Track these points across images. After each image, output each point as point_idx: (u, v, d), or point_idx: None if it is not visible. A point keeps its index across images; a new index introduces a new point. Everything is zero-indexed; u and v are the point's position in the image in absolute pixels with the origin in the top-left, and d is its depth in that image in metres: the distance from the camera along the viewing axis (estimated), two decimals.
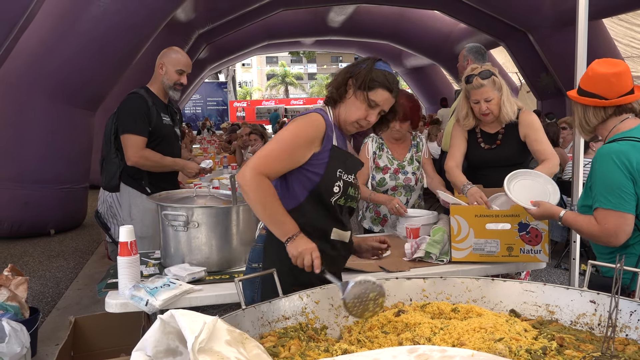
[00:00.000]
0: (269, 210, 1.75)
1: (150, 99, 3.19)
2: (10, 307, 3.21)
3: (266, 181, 1.75)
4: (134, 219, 3.23)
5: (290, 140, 1.81)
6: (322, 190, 1.84)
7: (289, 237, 1.72)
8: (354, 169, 1.94)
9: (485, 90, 2.78)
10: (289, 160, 1.81)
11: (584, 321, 1.50)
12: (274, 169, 1.78)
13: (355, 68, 1.89)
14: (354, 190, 1.93)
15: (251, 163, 1.76)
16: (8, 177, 6.13)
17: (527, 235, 2.35)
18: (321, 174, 1.83)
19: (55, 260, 5.68)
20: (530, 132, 2.84)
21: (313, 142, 1.83)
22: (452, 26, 13.74)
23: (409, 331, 1.43)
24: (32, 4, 2.97)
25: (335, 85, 1.91)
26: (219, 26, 10.45)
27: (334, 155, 1.86)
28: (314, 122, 1.84)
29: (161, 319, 1.13)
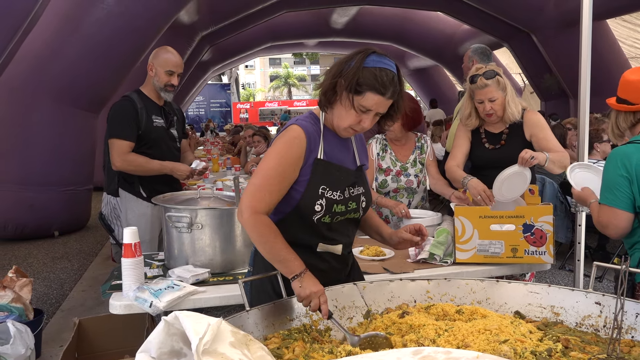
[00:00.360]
0: (271, 248, 1.64)
1: (140, 102, 3.14)
2: (15, 308, 3.22)
3: (264, 219, 1.65)
4: (130, 223, 3.17)
5: (275, 168, 1.67)
6: (303, 209, 1.71)
7: (295, 275, 1.59)
8: (344, 183, 1.75)
9: (489, 90, 2.77)
10: (281, 187, 1.69)
11: (589, 323, 1.49)
12: (268, 202, 1.67)
13: (345, 66, 1.66)
14: (344, 206, 1.74)
15: (246, 201, 1.67)
16: (13, 179, 6.15)
17: (532, 236, 2.35)
18: (302, 191, 1.70)
19: (59, 261, 5.69)
20: (536, 131, 2.83)
21: (299, 160, 1.70)
22: (456, 27, 13.73)
23: (414, 333, 1.42)
24: (35, 7, 2.98)
25: (324, 89, 1.70)
26: (222, 28, 10.47)
27: (316, 171, 1.70)
28: (294, 139, 1.69)
29: (165, 321, 1.13)
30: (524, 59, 11.09)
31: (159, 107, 3.25)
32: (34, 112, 6.12)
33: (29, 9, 2.90)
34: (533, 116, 2.86)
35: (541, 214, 2.33)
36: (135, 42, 6.33)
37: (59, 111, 6.20)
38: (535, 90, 12.18)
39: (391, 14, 13.72)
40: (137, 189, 3.20)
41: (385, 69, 1.64)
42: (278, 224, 1.72)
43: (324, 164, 1.72)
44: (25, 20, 2.93)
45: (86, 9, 5.93)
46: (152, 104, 3.21)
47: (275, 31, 14.13)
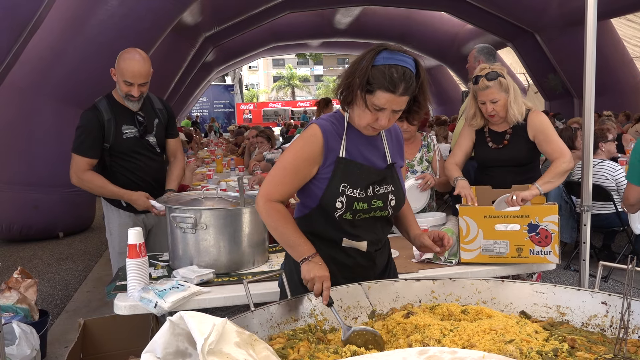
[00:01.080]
0: (281, 233, 1.74)
1: (109, 112, 2.91)
2: (20, 309, 3.23)
3: (276, 206, 1.75)
4: (112, 233, 3.09)
5: (291, 162, 1.77)
6: (324, 206, 1.76)
7: (304, 259, 1.67)
8: (366, 182, 1.75)
9: (491, 92, 2.77)
10: (295, 180, 1.77)
11: (595, 323, 1.48)
12: (281, 192, 1.77)
13: (358, 65, 1.67)
14: (365, 204, 1.75)
15: (261, 191, 1.78)
16: (18, 180, 6.18)
17: (537, 236, 2.34)
18: (323, 188, 1.75)
19: (64, 263, 5.71)
20: (539, 132, 2.83)
21: (315, 158, 1.74)
22: (459, 27, 13.71)
23: (419, 333, 1.42)
24: (40, 8, 2.99)
25: (340, 89, 1.73)
26: (225, 29, 10.48)
27: (337, 169, 1.74)
28: (311, 137, 1.75)
29: (170, 321, 1.13)
30: (528, 59, 11.07)
31: (131, 114, 2.96)
32: (38, 114, 6.14)
33: (33, 10, 2.91)
34: (536, 117, 2.85)
35: (546, 214, 2.32)
36: (139, 43, 6.31)
37: (63, 112, 6.21)
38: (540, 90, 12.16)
39: (395, 14, 13.72)
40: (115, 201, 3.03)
41: (396, 65, 1.61)
42: (305, 217, 1.81)
43: (345, 162, 1.75)
44: (30, 21, 2.93)
45: (90, 10, 5.95)
46: (123, 112, 2.94)
47: (278, 32, 14.15)
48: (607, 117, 7.05)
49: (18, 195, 6.19)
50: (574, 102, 10.65)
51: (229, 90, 28.71)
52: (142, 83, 2.86)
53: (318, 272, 1.62)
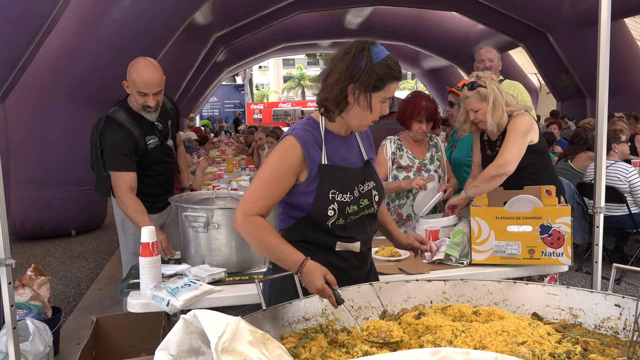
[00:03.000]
0: (266, 247, 1.67)
1: (133, 125, 2.86)
2: (34, 306, 3.27)
3: (256, 219, 1.68)
4: (126, 234, 3.07)
5: (270, 175, 1.71)
6: (315, 218, 1.73)
7: (298, 269, 1.61)
8: (352, 183, 1.77)
9: (470, 102, 2.88)
10: (275, 193, 1.72)
11: (608, 325, 1.47)
12: (261, 206, 1.70)
13: (353, 71, 1.65)
14: (356, 206, 1.77)
15: (239, 207, 1.70)
16: (31, 178, 6.24)
17: (549, 237, 2.32)
18: (311, 202, 1.72)
19: (76, 260, 5.76)
20: (506, 139, 2.82)
21: (294, 169, 1.72)
22: (470, 27, 13.65)
23: (430, 334, 1.42)
24: (55, 8, 3.03)
25: (332, 99, 1.68)
26: (236, 29, 10.51)
27: (323, 177, 1.72)
28: (289, 148, 1.72)
29: (184, 319, 1.14)
30: (540, 59, 10.99)
31: (151, 124, 2.94)
32: (51, 112, 6.20)
33: (49, 11, 2.94)
34: (515, 120, 2.84)
35: (559, 215, 2.31)
36: (151, 43, 6.38)
37: (76, 111, 6.27)
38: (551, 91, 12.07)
39: (405, 14, 13.68)
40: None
41: (390, 55, 1.69)
42: (293, 228, 1.78)
43: (329, 169, 1.74)
44: (46, 21, 2.97)
45: (103, 10, 6.00)
46: (142, 122, 2.90)
47: (289, 32, 14.16)
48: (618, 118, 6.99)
49: (31, 194, 6.26)
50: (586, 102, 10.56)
51: (240, 90, 28.78)
52: (156, 92, 2.80)
53: (317, 285, 1.57)
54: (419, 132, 3.17)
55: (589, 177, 4.81)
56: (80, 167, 6.48)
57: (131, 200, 2.79)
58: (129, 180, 2.82)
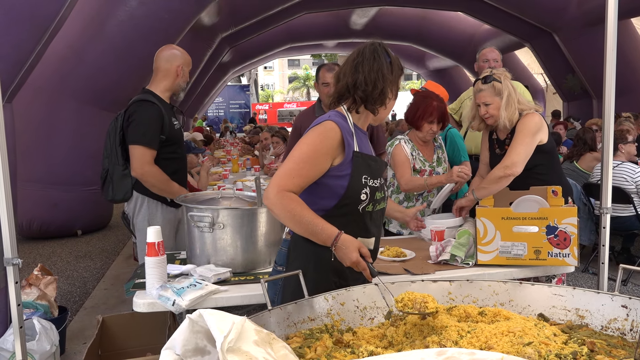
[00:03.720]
0: (300, 220, 1.72)
1: (160, 106, 3.04)
2: (40, 305, 3.28)
3: (290, 195, 1.73)
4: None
5: (308, 154, 1.78)
6: (349, 201, 1.81)
7: (333, 242, 1.69)
8: (379, 172, 1.91)
9: (483, 95, 2.84)
10: (311, 173, 1.78)
11: (615, 326, 1.47)
12: (296, 184, 1.75)
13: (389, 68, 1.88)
14: (381, 193, 1.90)
15: (273, 182, 1.75)
16: (38, 178, 6.27)
17: (556, 238, 2.32)
18: (346, 185, 1.80)
19: (82, 260, 5.79)
20: (515, 138, 2.79)
21: (332, 150, 1.81)
22: (476, 27, 13.61)
23: (436, 334, 1.41)
24: (62, 9, 3.04)
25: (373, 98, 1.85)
26: (242, 30, 10.53)
27: (357, 163, 1.82)
28: (329, 131, 1.81)
29: (190, 318, 1.14)
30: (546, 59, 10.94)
31: (171, 109, 3.18)
32: (57, 112, 6.23)
33: (55, 11, 2.96)
34: (524, 120, 2.82)
35: (565, 216, 2.30)
36: (157, 43, 6.36)
37: (82, 111, 6.31)
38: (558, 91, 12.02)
39: (411, 14, 13.66)
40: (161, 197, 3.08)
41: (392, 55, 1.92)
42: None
43: (361, 156, 1.85)
44: (53, 22, 2.98)
45: (109, 10, 6.03)
46: (167, 106, 3.12)
47: (294, 32, 14.17)
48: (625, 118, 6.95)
49: (38, 193, 6.29)
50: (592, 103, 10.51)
51: (245, 90, 28.83)
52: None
53: (353, 251, 1.67)
54: (429, 133, 3.15)
55: (596, 178, 4.78)
56: (86, 167, 6.52)
57: (158, 170, 2.97)
58: (151, 156, 2.97)
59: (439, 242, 2.60)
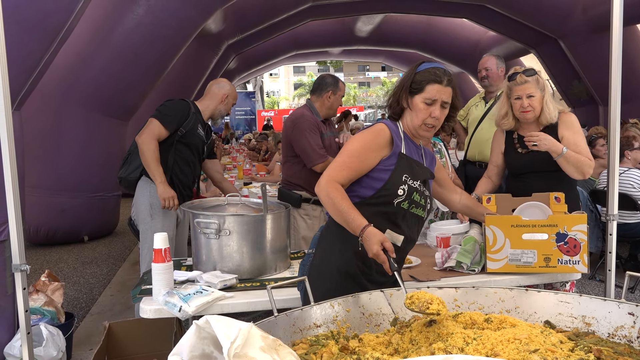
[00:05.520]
0: (338, 208, 1.86)
1: (192, 107, 3.46)
2: (47, 311, 3.30)
3: (336, 185, 1.90)
4: (154, 218, 3.33)
5: (359, 150, 1.95)
6: (386, 193, 1.93)
7: (360, 233, 1.81)
8: (422, 176, 2.01)
9: (528, 87, 2.78)
10: (360, 167, 1.95)
11: (622, 334, 1.46)
12: (345, 176, 1.93)
13: (403, 80, 2.01)
14: (419, 196, 1.99)
15: (326, 173, 1.94)
16: (45, 185, 6.31)
17: (565, 245, 2.31)
18: (386, 178, 1.94)
19: (88, 266, 5.81)
20: (569, 133, 2.77)
21: (381, 149, 1.96)
22: (481, 34, 13.61)
23: (442, 341, 1.41)
24: (71, 18, 3.07)
25: (391, 104, 2.05)
26: (247, 37, 10.58)
27: (401, 162, 1.96)
28: (379, 130, 1.99)
29: (197, 325, 1.15)
30: (552, 66, 10.92)
31: (204, 123, 3.58)
32: (65, 120, 6.27)
33: (64, 20, 2.99)
34: (568, 117, 2.82)
35: (575, 223, 2.29)
36: (163, 51, 6.45)
37: (89, 119, 6.35)
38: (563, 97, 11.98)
39: (416, 21, 13.68)
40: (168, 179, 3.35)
41: (436, 66, 1.99)
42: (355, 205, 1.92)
43: (406, 158, 1.99)
44: (62, 30, 3.01)
45: (117, 18, 6.07)
46: (201, 119, 3.53)
47: (300, 40, 14.21)
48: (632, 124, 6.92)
49: (45, 200, 6.33)
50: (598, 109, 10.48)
51: (251, 97, 28.91)
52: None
53: (375, 244, 1.76)
54: None
55: (602, 185, 4.76)
56: (93, 174, 6.56)
57: (155, 147, 3.26)
58: (161, 134, 3.29)
59: (444, 249, 2.59)
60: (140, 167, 3.36)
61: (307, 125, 3.52)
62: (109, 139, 6.66)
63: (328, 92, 3.74)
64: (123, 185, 3.54)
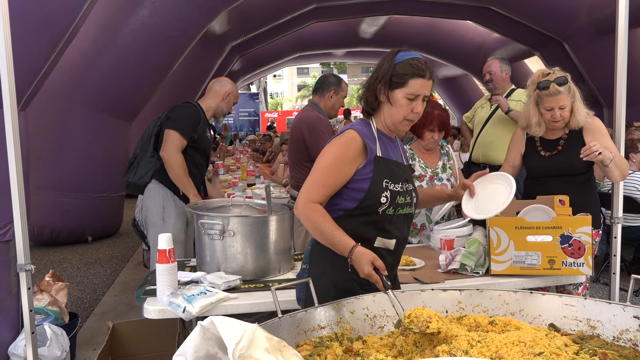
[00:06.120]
0: (321, 231, 1.79)
1: (202, 112, 3.52)
2: (51, 311, 3.31)
3: (314, 206, 1.82)
4: (166, 221, 3.37)
5: (332, 165, 1.85)
6: (369, 203, 1.85)
7: (349, 254, 1.75)
8: (402, 177, 1.92)
9: (562, 98, 2.70)
10: (336, 182, 1.85)
11: (627, 337, 1.46)
12: (323, 194, 1.84)
13: (379, 72, 1.87)
14: (403, 198, 1.91)
15: (301, 195, 1.85)
16: (49, 185, 6.33)
17: (570, 247, 2.30)
18: (366, 188, 1.84)
19: (92, 267, 5.82)
20: (599, 137, 2.70)
21: (355, 159, 1.86)
22: (485, 36, 13.59)
23: (446, 344, 1.41)
24: (77, 18, 3.09)
25: (367, 98, 1.92)
26: (252, 38, 10.59)
27: (378, 167, 1.86)
28: (350, 140, 1.87)
29: (201, 325, 1.15)
30: None
31: (209, 124, 3.66)
32: (70, 120, 6.29)
33: (70, 20, 3.00)
34: (593, 122, 2.77)
35: (579, 225, 2.29)
36: (168, 52, 6.47)
37: (94, 119, 6.37)
38: None
39: (420, 23, 13.67)
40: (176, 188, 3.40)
41: (415, 57, 1.86)
42: (339, 219, 1.87)
43: (383, 160, 1.88)
44: (67, 31, 3.03)
45: (122, 19, 6.09)
46: (206, 118, 3.59)
47: (304, 41, 14.23)
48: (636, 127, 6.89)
49: (50, 200, 6.35)
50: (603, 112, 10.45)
51: (254, 98, 28.94)
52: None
53: (365, 264, 1.70)
54: (431, 141, 3.16)
55: (607, 187, 4.75)
56: (97, 174, 6.58)
57: (183, 160, 3.34)
58: (182, 145, 3.36)
59: (448, 251, 2.59)
60: (151, 172, 3.39)
61: (325, 129, 3.55)
62: (114, 139, 6.68)
63: (330, 91, 3.75)
64: (130, 189, 3.55)
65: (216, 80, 3.70)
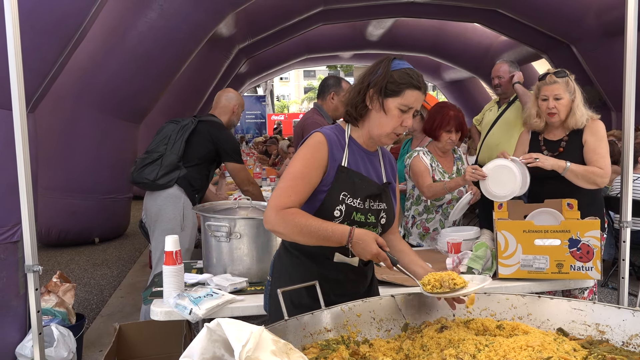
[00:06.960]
0: (308, 230, 1.64)
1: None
2: (59, 312, 3.32)
3: (290, 210, 1.67)
4: (184, 230, 3.41)
5: (302, 171, 1.72)
6: (323, 214, 1.72)
7: (348, 240, 1.63)
8: (365, 192, 1.76)
9: (557, 87, 2.76)
10: (307, 188, 1.72)
11: (636, 342, 1.44)
12: (294, 200, 1.70)
13: (372, 77, 1.74)
14: (363, 216, 1.76)
15: (271, 204, 1.70)
16: (57, 187, 6.36)
17: (578, 251, 2.28)
18: (323, 197, 1.73)
19: (99, 268, 5.85)
20: (592, 139, 2.75)
21: (323, 165, 1.74)
22: (493, 39, 13.56)
23: (453, 347, 1.40)
24: (85, 21, 3.11)
25: (354, 103, 1.77)
26: (259, 41, 10.62)
27: (339, 178, 1.74)
28: (317, 144, 1.74)
29: (208, 327, 1.15)
30: None
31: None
32: (77, 122, 6.33)
33: (79, 23, 3.02)
34: (594, 124, 2.80)
35: (588, 229, 2.27)
36: (175, 54, 6.49)
37: (101, 121, 6.40)
38: None
39: (427, 25, 13.66)
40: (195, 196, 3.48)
41: (411, 68, 1.75)
42: None
43: (346, 171, 1.76)
44: (76, 33, 3.05)
45: (129, 22, 6.12)
46: None
47: (311, 44, 14.25)
48: None
49: (57, 201, 6.38)
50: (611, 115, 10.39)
51: (261, 101, 29.01)
52: None
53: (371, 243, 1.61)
54: (448, 143, 3.14)
55: (615, 191, 4.72)
56: (105, 176, 6.61)
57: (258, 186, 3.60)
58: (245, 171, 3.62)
59: (455, 255, 2.58)
60: (176, 178, 3.37)
61: None
62: (121, 141, 6.71)
63: (330, 93, 3.75)
64: (142, 186, 3.43)
65: (222, 93, 3.78)
